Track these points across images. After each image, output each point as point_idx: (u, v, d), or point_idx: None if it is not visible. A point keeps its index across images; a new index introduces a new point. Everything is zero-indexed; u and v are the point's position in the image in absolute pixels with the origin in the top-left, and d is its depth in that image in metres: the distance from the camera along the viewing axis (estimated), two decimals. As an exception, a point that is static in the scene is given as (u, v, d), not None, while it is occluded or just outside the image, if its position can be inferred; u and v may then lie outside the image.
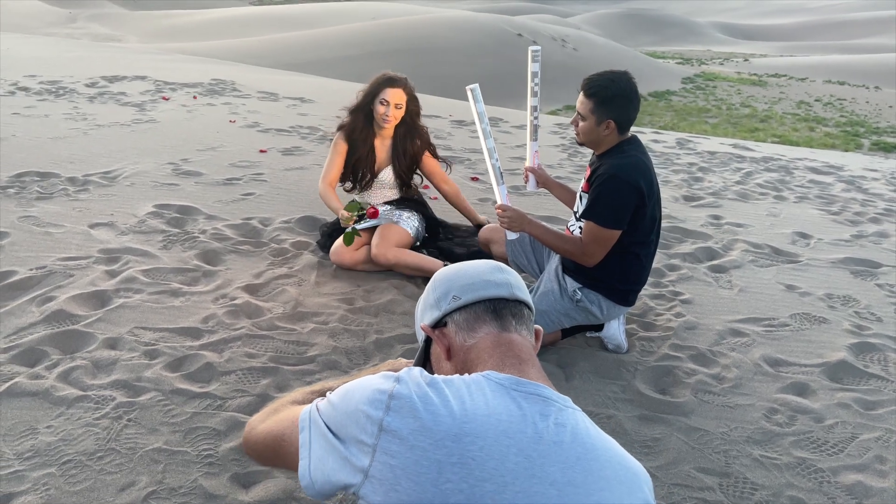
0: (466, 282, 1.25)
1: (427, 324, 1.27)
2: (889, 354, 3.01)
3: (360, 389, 1.09)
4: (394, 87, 3.49)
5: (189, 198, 4.41)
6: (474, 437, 0.99)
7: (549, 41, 42.44)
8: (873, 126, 32.66)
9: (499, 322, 1.21)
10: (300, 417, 1.16)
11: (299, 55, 31.97)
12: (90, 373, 2.56)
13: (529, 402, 1.07)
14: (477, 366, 1.17)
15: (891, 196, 5.77)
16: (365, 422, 1.04)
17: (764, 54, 77.64)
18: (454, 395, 1.04)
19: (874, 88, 47.24)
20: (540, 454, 1.01)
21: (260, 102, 8.00)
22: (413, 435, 1.00)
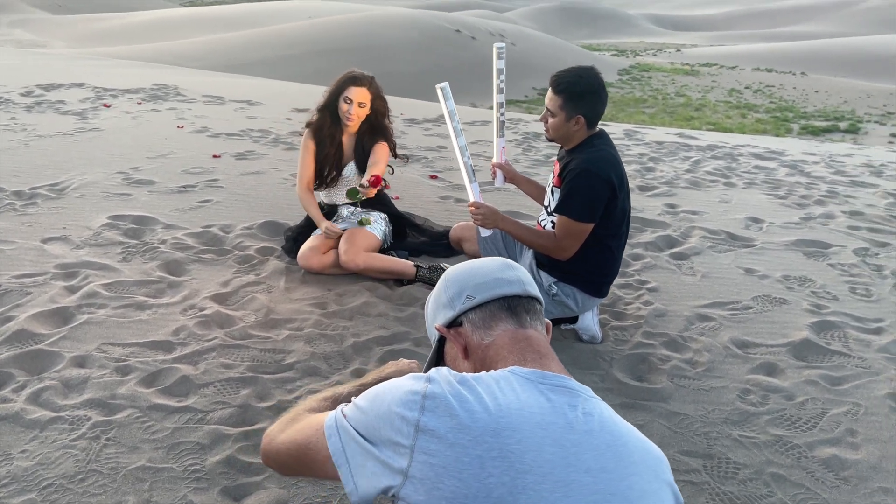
0: (479, 281, 1.26)
1: (441, 324, 1.28)
2: (848, 331, 3.14)
3: (391, 392, 1.09)
4: (357, 85, 3.47)
5: (144, 207, 4.30)
6: (511, 430, 1.01)
7: (486, 36, 42.69)
8: (801, 111, 33.88)
9: (515, 319, 1.23)
10: (325, 425, 1.16)
11: (236, 57, 31.41)
12: (61, 393, 2.48)
13: (557, 394, 1.09)
14: (497, 363, 1.18)
15: (832, 178, 6.00)
16: (400, 423, 1.04)
17: (695, 44, 79.65)
18: (486, 391, 1.06)
19: (801, 74, 48.96)
20: (573, 443, 1.04)
21: (206, 106, 7.84)
22: (451, 433, 1.01)
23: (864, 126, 29.74)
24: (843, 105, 36.10)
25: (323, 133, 3.58)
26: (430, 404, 1.04)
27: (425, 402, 1.04)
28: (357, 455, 1.09)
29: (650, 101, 34.54)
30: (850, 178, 6.05)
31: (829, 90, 41.04)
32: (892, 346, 3.02)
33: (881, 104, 36.14)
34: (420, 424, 1.03)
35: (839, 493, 2.16)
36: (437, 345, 1.33)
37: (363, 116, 3.53)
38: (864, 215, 4.89)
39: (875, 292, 3.58)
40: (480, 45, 40.13)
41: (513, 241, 3.15)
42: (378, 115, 3.56)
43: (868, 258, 4.04)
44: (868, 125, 30.15)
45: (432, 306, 1.34)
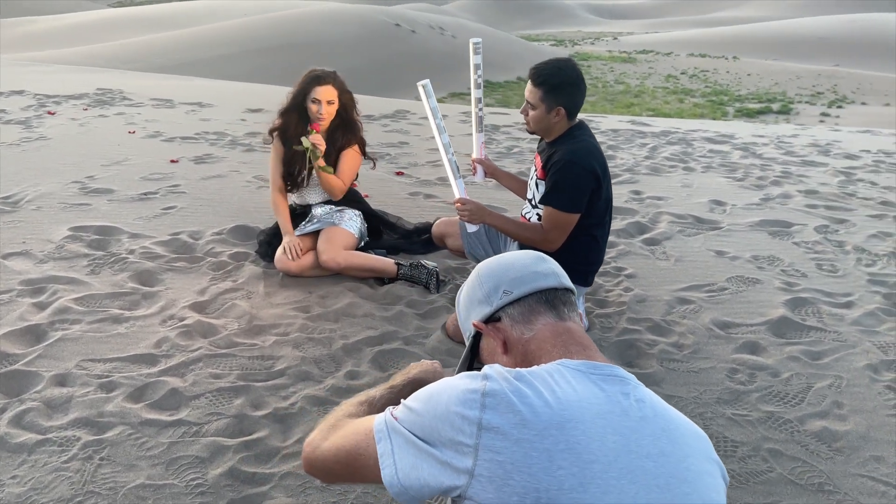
0: (515, 275, 1.26)
1: (479, 319, 1.28)
2: (821, 307, 3.25)
3: (447, 392, 1.09)
4: (322, 84, 3.43)
5: (106, 217, 4.16)
6: (575, 422, 1.02)
7: (426, 29, 42.65)
8: (735, 94, 34.86)
9: (554, 312, 1.23)
10: (374, 429, 1.15)
11: (172, 57, 30.65)
12: (45, 414, 2.39)
13: (609, 384, 1.10)
14: (541, 356, 1.19)
15: (784, 159, 6.19)
16: (461, 423, 1.04)
17: (631, 32, 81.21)
18: (543, 385, 1.06)
19: (733, 58, 50.36)
20: (631, 430, 1.05)
21: (156, 110, 7.63)
22: (516, 429, 1.01)
23: (796, 107, 30.75)
24: (774, 87, 37.26)
25: (290, 135, 3.52)
26: (491, 402, 1.04)
27: (485, 400, 1.04)
28: (410, 456, 1.08)
29: (591, 90, 35.03)
30: (800, 158, 6.25)
31: (761, 73, 42.31)
32: (863, 319, 3.13)
33: (810, 85, 37.44)
34: (483, 422, 1.02)
35: (834, 463, 2.24)
36: (473, 341, 1.32)
37: (333, 113, 3.49)
38: (819, 193, 5.06)
39: (840, 268, 3.71)
40: (421, 39, 40.07)
41: (496, 235, 3.16)
42: (347, 108, 3.52)
43: (829, 235, 4.19)
44: (799, 105, 31.18)
45: (465, 302, 1.34)
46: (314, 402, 2.48)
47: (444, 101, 26.69)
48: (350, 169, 3.56)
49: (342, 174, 3.53)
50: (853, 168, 5.95)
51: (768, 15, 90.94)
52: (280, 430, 2.36)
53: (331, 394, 2.53)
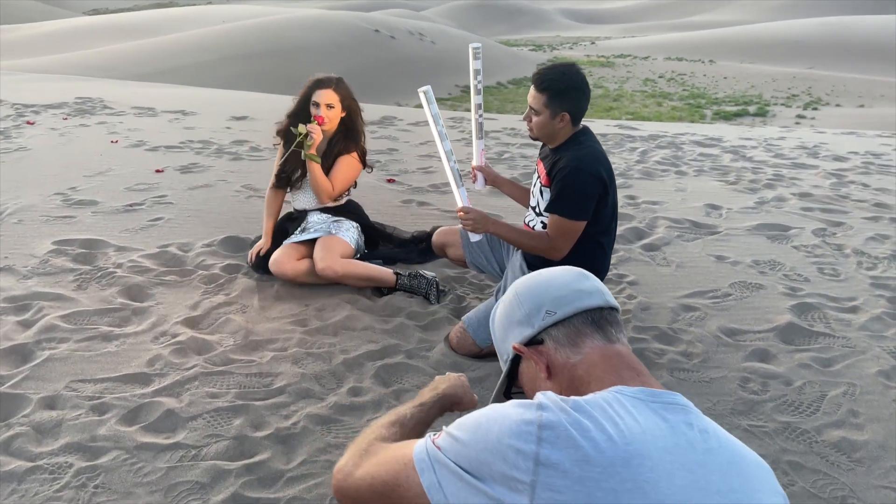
0: (557, 294, 1.18)
1: (519, 342, 1.20)
2: (827, 312, 3.21)
3: (498, 422, 1.00)
4: (323, 87, 3.39)
5: (91, 230, 4.04)
6: (642, 458, 0.94)
7: (406, 35, 42.67)
8: (713, 97, 35.20)
9: (602, 333, 1.15)
10: (415, 458, 1.07)
11: (150, 65, 30.37)
12: (34, 439, 2.27)
13: (671, 413, 1.02)
14: (590, 383, 1.10)
15: (774, 162, 6.18)
16: (515, 457, 0.95)
17: (608, 37, 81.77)
18: (604, 417, 0.98)
19: (709, 62, 50.88)
20: (699, 465, 0.98)
21: (138, 119, 7.48)
22: (578, 466, 0.93)
23: (772, 109, 31.08)
24: (750, 90, 37.67)
25: (292, 135, 3.46)
26: (549, 435, 0.95)
27: (542, 433, 0.95)
28: (459, 491, 1.00)
29: (570, 94, 35.17)
30: (790, 161, 6.25)
31: (737, 76, 42.78)
32: (870, 324, 3.10)
33: (785, 87, 37.90)
34: (540, 458, 0.94)
35: (856, 475, 2.18)
36: (511, 364, 1.24)
37: (336, 118, 3.43)
38: (813, 196, 5.05)
39: (842, 271, 3.68)
40: (401, 45, 40.05)
41: (499, 245, 3.09)
42: (351, 116, 3.46)
43: (827, 238, 4.16)
44: (775, 108, 31.53)
45: (502, 323, 1.25)
46: (317, 421, 2.39)
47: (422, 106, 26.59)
48: (343, 175, 3.48)
49: (334, 179, 3.45)
50: (843, 170, 5.95)
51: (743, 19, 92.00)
52: (283, 451, 2.26)
53: (334, 412, 2.44)
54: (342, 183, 3.48)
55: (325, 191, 3.42)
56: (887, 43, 51.12)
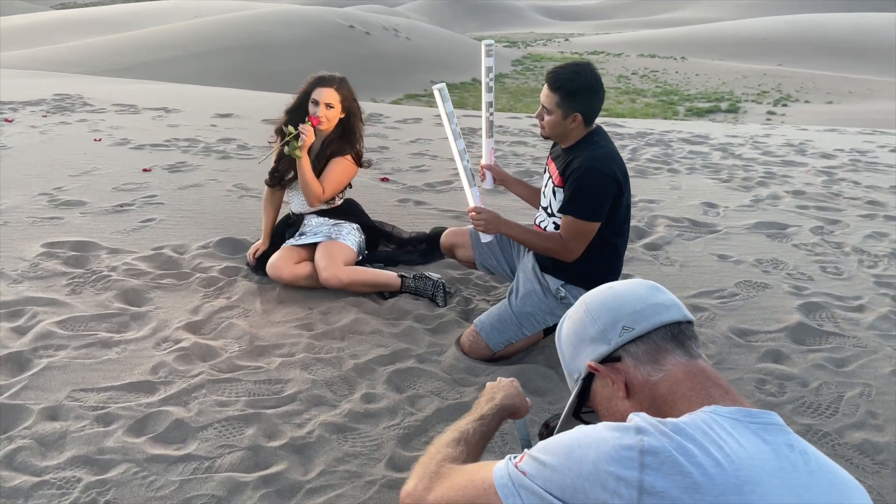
0: (634, 308, 1.13)
1: (594, 359, 1.15)
2: (835, 311, 3.21)
3: (593, 447, 0.95)
4: (324, 86, 3.28)
5: (81, 232, 3.92)
6: (753, 485, 0.90)
7: (381, 31, 42.39)
8: (685, 94, 35.48)
9: (683, 349, 1.11)
10: (497, 483, 1.02)
11: (123, 60, 29.76)
12: (38, 453, 2.18)
13: (771, 434, 0.98)
14: (675, 402, 1.06)
15: (764, 160, 6.21)
16: (615, 485, 0.90)
17: (581, 33, 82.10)
18: (707, 440, 0.93)
19: (681, 59, 51.32)
20: (804, 487, 0.94)
21: (120, 116, 7.31)
22: (686, 494, 0.88)
23: (743, 105, 31.40)
24: (722, 87, 38.02)
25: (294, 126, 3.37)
26: (652, 461, 0.90)
27: (644, 459, 0.91)
28: None
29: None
30: (779, 158, 6.29)
31: (709, 73, 43.15)
32: (879, 324, 3.10)
33: (756, 84, 38.32)
34: (644, 485, 0.89)
35: (881, 478, 2.17)
36: (583, 383, 1.19)
37: (334, 118, 3.32)
38: (807, 194, 5.07)
39: (844, 270, 3.69)
40: (375, 41, 39.78)
41: (509, 245, 3.04)
42: (350, 117, 3.36)
43: (826, 236, 4.18)
44: (746, 104, 31.85)
45: (573, 340, 1.20)
46: (332, 429, 2.32)
47: (399, 102, 26.49)
48: (335, 177, 3.35)
49: (325, 182, 3.33)
50: (833, 167, 6.00)
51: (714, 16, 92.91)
52: (299, 461, 2.19)
53: (349, 419, 2.38)
54: (333, 185, 3.36)
55: (315, 193, 3.30)
56: (855, 40, 51.94)
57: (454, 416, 2.41)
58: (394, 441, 2.28)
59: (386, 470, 2.14)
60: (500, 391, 1.45)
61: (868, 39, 50.85)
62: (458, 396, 2.53)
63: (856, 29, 54.88)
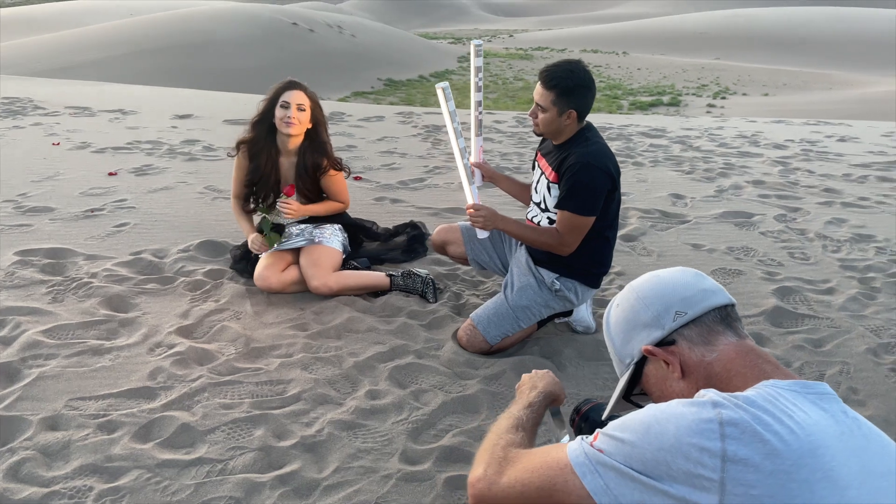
0: (685, 294, 1.21)
1: (649, 344, 1.21)
2: (807, 294, 3.37)
3: (672, 421, 1.01)
4: (294, 88, 3.22)
5: (53, 238, 3.82)
6: (824, 448, 0.97)
7: (325, 28, 42.01)
8: (628, 88, 36.18)
9: (732, 330, 1.18)
10: (573, 462, 1.07)
11: (58, 60, 28.83)
12: (43, 464, 2.14)
13: (826, 402, 1.06)
14: (730, 379, 1.13)
15: (721, 151, 6.42)
16: (699, 455, 0.97)
17: (525, 29, 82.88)
18: (777, 411, 1.00)
19: (623, 54, 52.25)
20: (862, 450, 1.01)
21: (76, 119, 7.11)
22: (769, 460, 0.95)
23: (684, 98, 32.16)
24: (663, 80, 38.87)
25: (257, 148, 3.29)
26: (733, 431, 0.97)
27: (725, 430, 0.97)
28: (632, 492, 1.01)
29: (491, 87, 35.45)
30: (735, 150, 6.51)
31: (650, 67, 44.07)
32: (849, 304, 3.27)
33: (695, 77, 39.30)
34: (727, 454, 0.95)
35: (869, 449, 2.30)
36: (635, 367, 1.25)
37: (305, 121, 3.24)
38: (766, 183, 5.27)
39: (811, 255, 3.86)
40: (320, 38, 39.40)
41: (500, 240, 3.10)
42: (317, 127, 3.31)
43: (790, 223, 4.36)
44: (687, 97, 32.63)
45: (624, 327, 1.26)
46: (341, 426, 2.34)
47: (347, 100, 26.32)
48: (341, 187, 3.42)
49: (338, 195, 3.41)
50: (787, 157, 6.24)
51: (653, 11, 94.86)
52: (313, 459, 2.20)
53: (357, 416, 2.40)
54: (345, 193, 3.44)
55: (340, 210, 3.42)
56: (788, 34, 53.72)
57: (459, 408, 2.46)
58: (404, 435, 2.31)
59: (400, 463, 2.18)
60: (541, 380, 1.53)
61: (800, 32, 52.65)
62: (460, 389, 2.57)
63: (789, 22, 56.75)
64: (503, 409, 2.42)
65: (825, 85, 33.82)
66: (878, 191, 5.25)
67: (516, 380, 2.63)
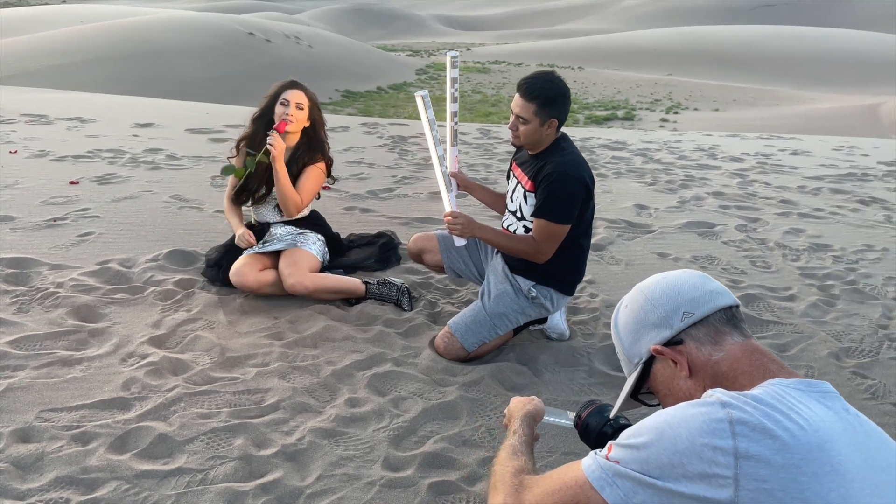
0: (692, 296, 1.25)
1: (658, 344, 1.25)
2: (770, 301, 3.48)
3: (683, 425, 1.05)
4: (294, 87, 3.32)
5: (15, 248, 3.73)
6: (831, 443, 1.02)
7: (282, 39, 41.75)
8: (584, 102, 36.75)
9: (738, 330, 1.23)
10: (590, 477, 1.11)
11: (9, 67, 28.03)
12: (17, 476, 2.09)
13: (829, 400, 1.11)
14: (736, 378, 1.17)
15: (681, 164, 6.58)
16: (712, 454, 1.00)
17: (483, 43, 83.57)
18: (784, 408, 1.04)
19: (578, 68, 53.05)
20: (864, 446, 1.06)
21: (32, 127, 6.93)
22: (779, 455, 0.99)
23: (638, 113, 32.82)
24: (617, 95, 39.58)
25: (256, 141, 3.36)
26: (743, 429, 1.01)
27: (735, 428, 1.01)
28: (650, 498, 1.04)
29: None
30: (694, 162, 6.68)
31: (605, 82, 44.83)
32: (810, 311, 3.38)
33: (649, 93, 40.13)
34: (739, 451, 1.00)
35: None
36: (643, 367, 1.29)
37: (303, 120, 3.33)
38: (725, 195, 5.42)
39: (772, 263, 3.99)
40: (277, 48, 39.13)
41: (476, 248, 3.13)
42: (315, 126, 3.38)
43: (750, 233, 4.50)
44: (641, 112, 33.29)
45: (632, 327, 1.30)
46: (322, 434, 2.34)
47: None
48: (311, 185, 3.39)
49: (301, 190, 3.36)
50: (744, 170, 6.43)
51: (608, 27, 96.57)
52: (294, 468, 2.19)
53: (337, 424, 2.39)
54: (309, 193, 3.39)
55: (294, 202, 3.32)
56: (737, 51, 55.23)
57: (440, 415, 2.48)
58: (385, 442, 2.31)
59: (383, 470, 2.18)
60: (514, 408, 1.61)
61: (748, 51, 54.20)
62: (440, 396, 2.59)
63: (737, 40, 58.35)
64: (483, 415, 2.49)
65: (772, 101, 34.87)
66: (832, 202, 5.45)
67: (495, 386, 2.66)
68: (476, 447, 2.32)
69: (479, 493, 2.09)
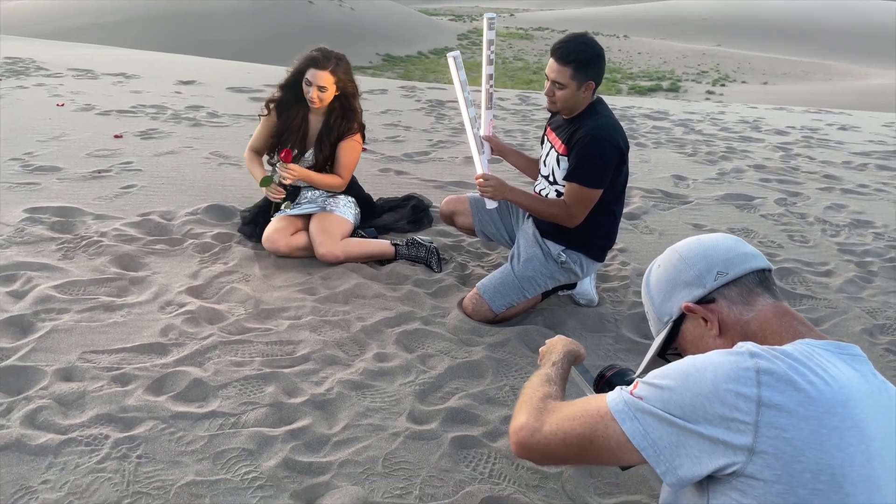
0: (726, 256, 1.26)
1: (690, 301, 1.27)
2: (805, 275, 3.43)
3: (710, 369, 1.07)
4: (318, 68, 3.24)
5: (62, 197, 3.85)
6: (855, 400, 1.03)
7: (323, 1, 41.60)
8: (628, 72, 36.03)
9: (770, 293, 1.24)
10: (613, 409, 1.14)
11: (55, 23, 28.49)
12: (60, 412, 2.20)
13: (857, 363, 1.12)
14: (766, 337, 1.18)
15: (723, 136, 6.46)
16: (735, 400, 1.03)
17: (527, 9, 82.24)
18: (812, 364, 1.06)
19: (624, 37, 51.92)
20: (889, 409, 1.08)
21: (79, 81, 7.08)
22: (802, 406, 1.01)
23: (684, 84, 32.07)
24: (663, 65, 38.69)
25: (286, 105, 3.39)
26: (768, 379, 1.03)
27: (761, 377, 1.03)
28: (670, 435, 1.07)
29: (492, 66, 35.16)
30: (738, 135, 6.55)
31: (650, 52, 43.81)
32: (846, 287, 3.33)
33: (696, 64, 39.14)
34: (762, 399, 1.02)
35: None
36: (673, 324, 1.31)
37: (325, 100, 3.32)
38: (767, 168, 5.32)
39: (810, 238, 3.93)
40: (318, 10, 39.02)
41: (507, 212, 3.14)
42: (347, 96, 3.37)
43: (790, 207, 4.42)
44: (686, 83, 32.52)
45: (664, 286, 1.32)
46: (350, 386, 2.40)
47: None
48: (350, 160, 3.42)
49: (341, 168, 3.40)
50: (788, 143, 6.29)
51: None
52: (323, 416, 2.26)
53: (365, 377, 2.45)
54: (349, 169, 3.43)
55: (337, 186, 3.41)
56: (790, 24, 53.51)
57: (465, 373, 2.52)
58: (411, 396, 2.37)
59: (408, 423, 2.23)
60: (559, 344, 1.61)
61: (801, 22, 52.44)
62: (466, 355, 2.63)
63: (790, 12, 56.46)
64: (508, 375, 2.52)
65: (825, 75, 33.79)
66: (878, 179, 5.32)
67: (520, 348, 2.69)
68: (499, 405, 2.36)
69: (500, 448, 2.13)
